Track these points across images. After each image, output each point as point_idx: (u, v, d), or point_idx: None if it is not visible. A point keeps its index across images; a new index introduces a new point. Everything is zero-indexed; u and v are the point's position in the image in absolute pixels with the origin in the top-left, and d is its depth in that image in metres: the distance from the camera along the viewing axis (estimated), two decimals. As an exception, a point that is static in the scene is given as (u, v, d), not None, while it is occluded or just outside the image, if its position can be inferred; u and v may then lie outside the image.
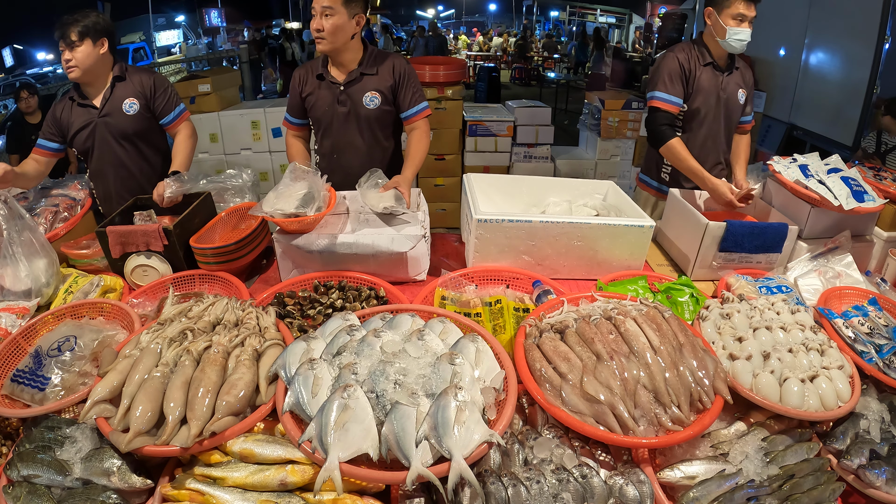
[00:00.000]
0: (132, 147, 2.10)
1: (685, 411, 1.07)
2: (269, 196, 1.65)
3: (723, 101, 2.14)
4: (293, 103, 2.07)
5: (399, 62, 2.01)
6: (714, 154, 2.22)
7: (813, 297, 1.59)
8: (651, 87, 2.14)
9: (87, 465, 1.01)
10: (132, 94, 2.05)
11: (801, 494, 1.04)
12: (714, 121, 2.17)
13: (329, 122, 2.04)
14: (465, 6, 23.39)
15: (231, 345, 1.19)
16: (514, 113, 4.51)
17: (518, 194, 2.08)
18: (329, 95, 1.99)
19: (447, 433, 0.94)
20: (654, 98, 2.12)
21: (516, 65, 13.92)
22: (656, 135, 2.10)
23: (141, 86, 2.06)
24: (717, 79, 2.12)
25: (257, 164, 4.26)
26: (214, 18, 17.45)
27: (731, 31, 1.99)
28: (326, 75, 1.99)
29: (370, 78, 1.98)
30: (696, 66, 2.10)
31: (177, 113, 2.13)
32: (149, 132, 2.13)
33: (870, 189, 1.77)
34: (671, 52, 2.13)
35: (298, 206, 1.60)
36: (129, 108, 2.04)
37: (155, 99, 2.08)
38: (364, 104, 1.98)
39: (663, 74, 2.09)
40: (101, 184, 2.15)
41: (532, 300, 1.57)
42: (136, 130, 2.07)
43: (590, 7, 19.92)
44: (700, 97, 2.12)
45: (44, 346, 1.27)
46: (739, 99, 2.16)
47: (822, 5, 4.49)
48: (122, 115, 2.03)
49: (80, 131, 2.03)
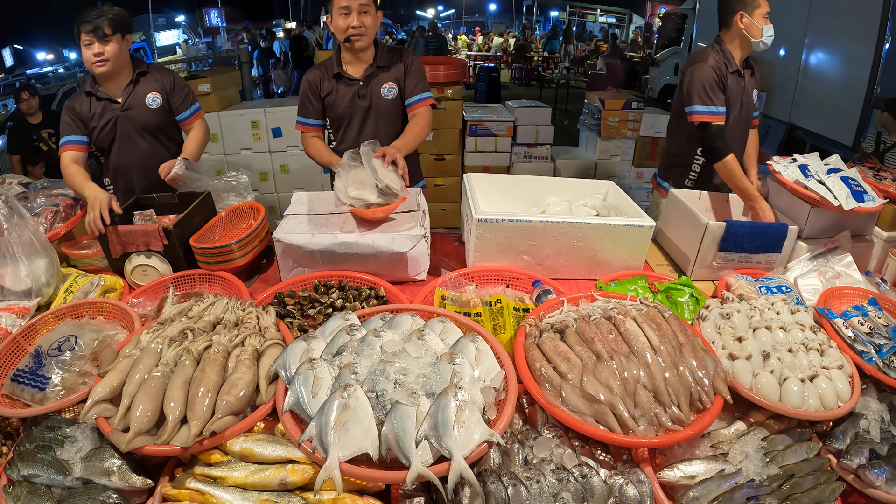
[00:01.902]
0: (154, 140, 2.12)
1: (685, 411, 1.07)
2: (339, 186, 1.73)
3: (745, 105, 2.16)
4: (310, 106, 2.11)
5: (408, 54, 2.12)
6: (737, 155, 2.19)
7: (813, 297, 1.59)
8: (695, 100, 2.06)
9: (88, 465, 1.01)
10: (155, 89, 2.09)
11: (800, 494, 1.04)
12: (737, 125, 2.18)
13: (350, 117, 2.11)
14: (465, 6, 23.39)
15: (231, 344, 1.19)
16: (514, 113, 4.51)
17: (518, 194, 2.08)
18: (348, 92, 2.07)
19: (447, 433, 0.94)
20: (707, 113, 2.04)
21: (516, 65, 13.92)
22: (714, 150, 2.03)
23: (162, 81, 2.11)
24: (739, 84, 2.13)
25: (257, 164, 4.26)
26: (214, 18, 17.46)
27: (766, 29, 2.02)
28: (344, 73, 2.06)
29: (385, 71, 2.07)
30: (726, 74, 2.09)
31: (193, 110, 2.18)
32: (169, 127, 2.17)
33: (869, 189, 1.77)
34: (705, 63, 2.07)
35: (378, 195, 1.69)
36: (152, 102, 2.08)
37: (174, 95, 2.12)
38: (382, 95, 2.07)
39: (706, 86, 2.04)
40: (121, 178, 2.16)
41: (532, 300, 1.57)
42: (158, 124, 2.11)
43: (590, 7, 19.93)
44: (729, 103, 2.10)
45: (44, 346, 1.27)
46: (754, 99, 2.19)
47: (822, 5, 4.49)
48: (145, 109, 2.07)
49: (101, 125, 2.04)
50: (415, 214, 1.78)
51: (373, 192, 1.69)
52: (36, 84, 6.68)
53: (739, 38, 2.09)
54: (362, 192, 1.69)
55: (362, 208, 1.68)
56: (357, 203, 1.69)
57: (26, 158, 4.31)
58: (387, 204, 1.70)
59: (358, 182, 1.71)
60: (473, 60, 13.89)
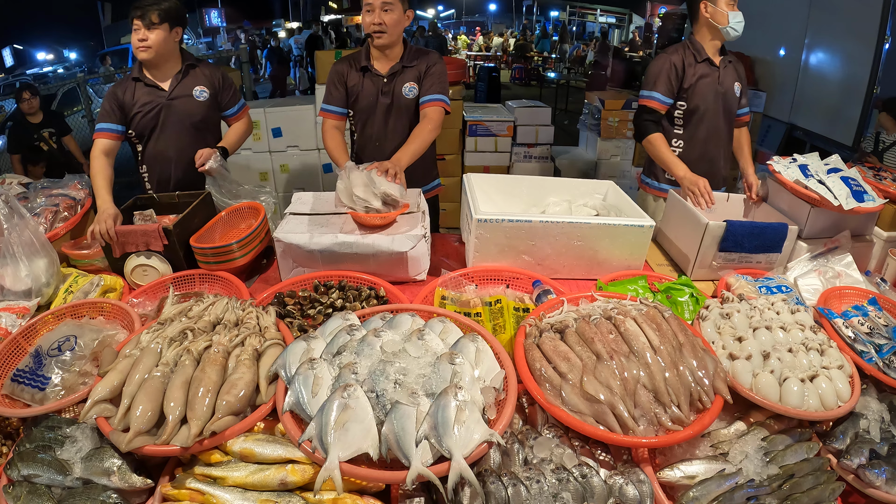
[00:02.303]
0: (195, 133, 2.13)
1: (685, 411, 1.07)
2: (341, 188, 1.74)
3: (720, 95, 2.18)
4: (335, 93, 2.15)
5: (434, 57, 2.16)
6: (717, 149, 2.25)
7: (813, 296, 1.59)
8: (644, 86, 2.22)
9: (88, 465, 1.01)
10: (203, 83, 2.11)
11: (800, 494, 1.04)
12: (715, 116, 2.20)
13: (372, 112, 2.15)
14: (465, 6, 23.39)
15: (231, 344, 1.19)
16: (514, 113, 4.50)
17: (518, 194, 2.08)
18: (373, 87, 2.12)
19: (447, 433, 0.94)
20: (642, 97, 2.21)
21: (516, 65, 13.92)
22: (639, 129, 2.21)
23: (211, 77, 2.14)
24: (713, 74, 2.16)
25: (257, 164, 4.25)
26: (214, 18, 17.48)
27: (732, 15, 2.05)
28: (371, 68, 2.11)
29: (410, 70, 2.12)
30: (690, 65, 2.15)
31: (240, 106, 2.24)
32: (212, 122, 2.20)
33: (869, 189, 1.77)
34: (664, 54, 2.19)
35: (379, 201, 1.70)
36: (199, 95, 2.10)
37: (223, 90, 2.16)
38: (403, 94, 2.12)
39: (653, 75, 2.17)
40: (157, 167, 2.16)
41: (532, 300, 1.57)
42: (202, 117, 2.13)
43: (590, 7, 19.93)
44: (698, 94, 2.16)
45: (44, 346, 1.27)
46: (736, 92, 2.21)
47: (822, 5, 4.49)
48: (191, 101, 2.09)
49: (145, 112, 2.05)
50: (415, 215, 1.78)
51: (376, 197, 1.69)
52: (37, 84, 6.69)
53: (707, 28, 2.14)
54: (367, 194, 1.69)
55: (363, 212, 1.67)
56: (359, 205, 1.68)
57: (27, 158, 4.30)
58: (387, 211, 1.69)
59: (361, 185, 1.71)
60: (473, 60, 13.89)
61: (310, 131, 4.14)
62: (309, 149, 4.21)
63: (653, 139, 2.14)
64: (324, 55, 4.13)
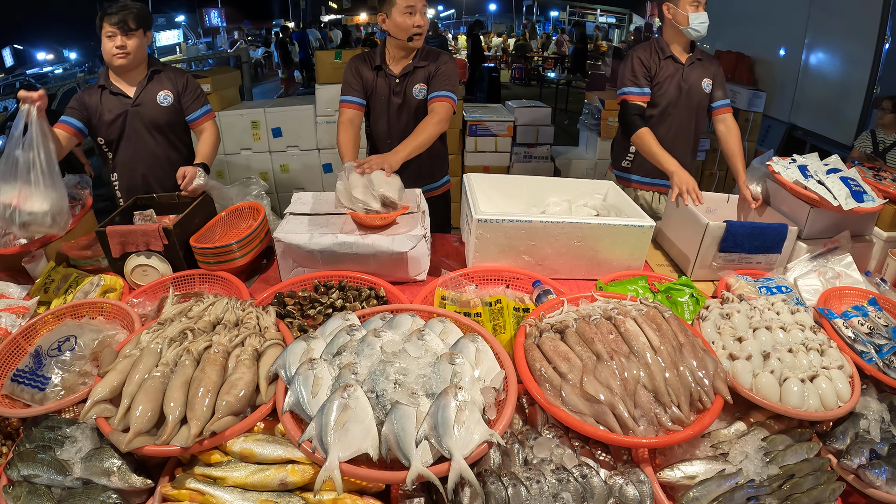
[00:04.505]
0: (162, 138, 2.14)
1: (685, 411, 1.07)
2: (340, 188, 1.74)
3: (685, 91, 2.23)
4: (354, 83, 2.15)
5: (445, 57, 2.16)
6: (683, 142, 2.31)
7: (813, 297, 1.60)
8: (619, 85, 2.29)
9: (88, 465, 1.01)
10: (167, 88, 2.10)
11: (801, 494, 1.04)
12: (679, 110, 2.26)
13: (383, 110, 2.18)
14: (465, 6, 23.37)
15: (231, 345, 1.19)
16: (514, 113, 4.50)
17: (518, 194, 2.08)
18: (385, 86, 2.15)
19: (447, 433, 0.94)
20: (622, 93, 2.26)
21: (516, 65, 13.90)
22: (627, 125, 2.23)
23: (175, 81, 2.12)
24: (677, 71, 2.22)
25: (257, 164, 4.25)
26: (214, 18, 17.47)
27: (693, 16, 2.10)
28: (385, 67, 2.13)
29: (420, 70, 2.13)
30: (656, 61, 2.22)
31: (203, 111, 2.18)
32: (178, 126, 2.18)
33: (869, 189, 1.77)
34: (632, 52, 2.27)
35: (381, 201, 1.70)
36: (163, 100, 2.09)
37: (185, 94, 2.14)
38: (413, 94, 2.14)
39: (627, 71, 2.24)
40: (127, 174, 2.16)
41: (532, 300, 1.57)
42: (167, 122, 2.12)
43: (590, 7, 19.92)
44: (662, 89, 2.23)
45: (44, 346, 1.27)
46: (704, 88, 2.24)
47: (822, 5, 4.49)
48: (155, 106, 2.08)
49: (111, 119, 2.06)
50: (415, 215, 1.78)
51: (375, 198, 1.69)
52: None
53: (671, 28, 2.21)
54: (365, 196, 1.69)
55: (363, 213, 1.67)
56: (359, 206, 1.68)
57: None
58: (386, 212, 1.69)
59: (360, 187, 1.71)
60: (473, 60, 13.85)
61: (310, 131, 4.14)
62: (309, 149, 4.21)
63: (641, 134, 2.16)
64: (324, 55, 4.12)
